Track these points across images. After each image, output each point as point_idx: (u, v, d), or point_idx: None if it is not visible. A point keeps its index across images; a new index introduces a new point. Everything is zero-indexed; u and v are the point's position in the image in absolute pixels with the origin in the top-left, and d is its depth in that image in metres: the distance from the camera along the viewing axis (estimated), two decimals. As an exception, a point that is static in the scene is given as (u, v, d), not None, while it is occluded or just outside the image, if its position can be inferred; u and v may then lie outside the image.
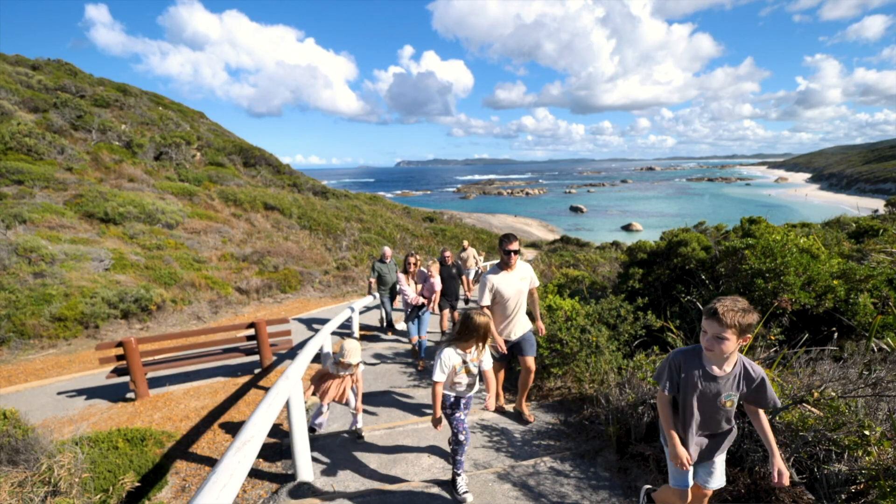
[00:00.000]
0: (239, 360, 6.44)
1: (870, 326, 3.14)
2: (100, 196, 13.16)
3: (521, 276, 3.59)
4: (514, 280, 3.54)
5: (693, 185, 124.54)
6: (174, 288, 10.15)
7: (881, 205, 15.68)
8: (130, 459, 3.22)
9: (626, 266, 6.52)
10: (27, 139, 14.76)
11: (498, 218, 58.11)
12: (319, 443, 3.57)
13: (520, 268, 3.63)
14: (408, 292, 5.68)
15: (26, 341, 7.47)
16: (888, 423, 2.22)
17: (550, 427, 3.74)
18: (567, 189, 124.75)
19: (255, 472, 3.29)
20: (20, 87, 18.99)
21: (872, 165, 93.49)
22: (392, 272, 7.60)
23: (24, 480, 2.65)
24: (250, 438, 1.94)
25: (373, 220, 23.67)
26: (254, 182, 22.39)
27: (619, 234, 49.41)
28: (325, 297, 12.45)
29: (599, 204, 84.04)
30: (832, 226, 8.46)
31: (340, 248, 17.70)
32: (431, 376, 2.69)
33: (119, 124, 20.12)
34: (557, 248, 28.11)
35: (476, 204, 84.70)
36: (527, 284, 3.64)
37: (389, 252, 7.76)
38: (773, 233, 4.78)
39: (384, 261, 7.65)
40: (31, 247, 9.19)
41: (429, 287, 5.83)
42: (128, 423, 4.49)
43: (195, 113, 29.23)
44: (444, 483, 2.87)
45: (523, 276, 3.61)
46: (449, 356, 2.67)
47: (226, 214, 16.86)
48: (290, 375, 2.88)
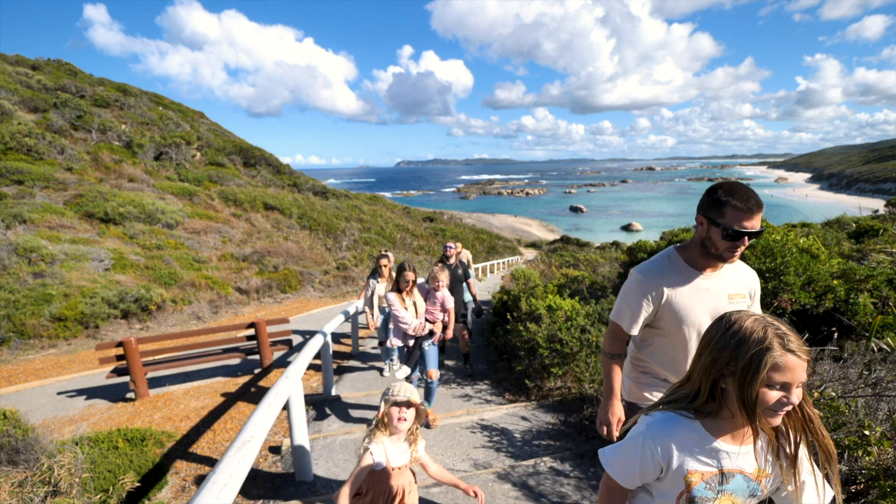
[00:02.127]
0: (239, 360, 6.44)
1: (870, 326, 3.14)
2: (100, 196, 13.16)
3: (735, 283, 1.67)
4: (718, 287, 1.64)
5: (693, 185, 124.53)
6: (174, 288, 10.15)
7: (881, 205, 15.70)
8: (130, 459, 3.22)
9: (627, 266, 6.52)
10: (27, 139, 14.76)
11: (498, 218, 58.13)
12: (320, 443, 3.57)
13: (737, 271, 1.69)
14: (404, 318, 3.66)
15: (26, 341, 7.47)
16: (888, 423, 2.22)
17: (550, 427, 3.74)
18: (567, 189, 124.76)
19: (255, 472, 3.29)
20: (20, 87, 18.99)
21: (872, 165, 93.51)
22: None
23: (24, 480, 2.65)
24: (250, 438, 1.94)
25: (373, 220, 23.67)
26: (254, 182, 22.39)
27: (620, 234, 49.43)
28: (325, 297, 12.46)
29: (599, 204, 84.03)
30: (832, 226, 8.46)
31: (340, 248, 17.71)
32: None
33: (119, 124, 20.13)
34: (557, 248, 28.12)
35: (476, 204, 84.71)
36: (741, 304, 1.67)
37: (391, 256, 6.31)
38: (773, 233, 4.78)
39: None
40: (31, 247, 9.19)
41: (437, 304, 3.99)
42: (128, 423, 4.49)
43: (195, 113, 29.24)
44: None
45: (738, 286, 1.67)
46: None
47: (226, 214, 16.86)
48: (290, 375, 2.88)
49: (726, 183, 1.54)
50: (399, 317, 3.63)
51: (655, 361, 1.78)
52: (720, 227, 1.47)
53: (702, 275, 1.63)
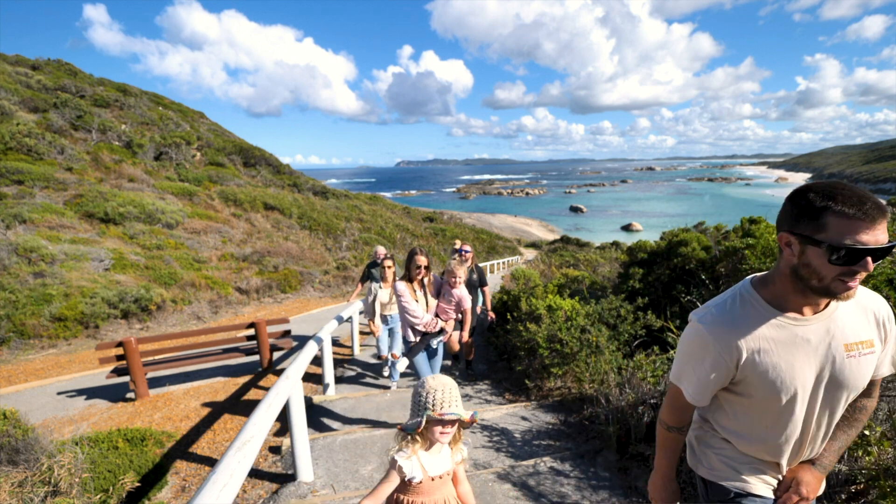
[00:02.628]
0: (239, 360, 6.44)
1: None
2: (100, 196, 13.16)
3: (854, 326, 1.16)
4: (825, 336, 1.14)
5: (693, 185, 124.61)
6: (174, 288, 10.16)
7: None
8: (130, 459, 3.22)
9: (627, 266, 6.52)
10: (27, 139, 14.76)
11: (498, 218, 58.13)
12: (320, 443, 3.57)
13: (856, 307, 1.18)
14: (414, 311, 3.35)
15: (26, 341, 7.47)
16: (888, 423, 2.22)
17: (550, 427, 3.74)
18: (567, 189, 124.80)
19: (255, 472, 3.29)
20: (20, 87, 18.99)
21: (872, 165, 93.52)
22: None
23: (24, 480, 2.65)
24: (250, 438, 1.94)
25: (373, 220, 23.67)
26: (254, 182, 22.39)
27: (620, 234, 49.44)
28: (325, 297, 12.46)
29: (599, 204, 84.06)
30: (832, 226, 8.44)
31: (340, 248, 17.71)
32: None
33: (119, 124, 20.13)
34: (557, 248, 28.13)
35: (476, 204, 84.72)
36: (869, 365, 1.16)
37: (384, 251, 5.70)
38: (774, 233, 4.78)
39: (378, 263, 5.51)
40: (31, 247, 9.19)
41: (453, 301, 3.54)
42: (128, 423, 4.49)
43: (195, 113, 29.24)
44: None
45: (859, 330, 1.16)
46: None
47: (226, 214, 16.86)
48: (290, 375, 2.88)
49: (820, 183, 1.07)
50: (409, 308, 3.28)
51: (739, 437, 1.28)
52: (824, 247, 1.00)
53: (797, 319, 1.14)
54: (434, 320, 3.42)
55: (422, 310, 3.36)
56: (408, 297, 3.31)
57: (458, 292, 3.46)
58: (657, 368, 3.22)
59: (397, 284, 3.35)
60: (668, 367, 3.08)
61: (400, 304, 3.35)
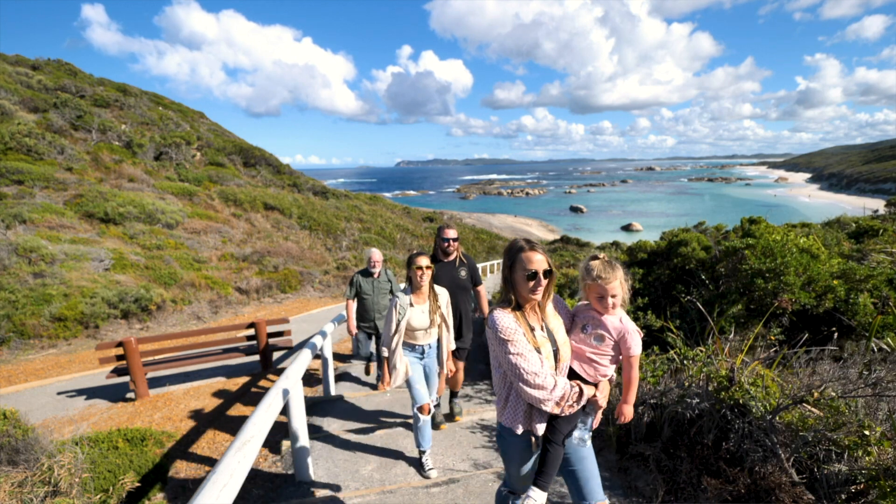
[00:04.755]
0: (239, 360, 6.44)
1: (870, 326, 3.15)
2: (100, 196, 13.16)
3: None
4: None
5: (693, 185, 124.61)
6: (174, 288, 10.15)
7: (881, 205, 15.68)
8: (130, 459, 3.22)
9: (626, 266, 6.53)
10: (27, 139, 14.76)
11: (498, 218, 58.15)
12: (320, 443, 3.57)
13: None
14: (535, 373, 1.66)
15: (26, 341, 7.47)
16: (888, 423, 2.22)
17: (550, 427, 3.74)
18: (567, 189, 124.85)
19: (255, 472, 3.29)
20: (20, 87, 18.99)
21: (872, 165, 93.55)
22: (381, 291, 4.63)
23: (24, 480, 2.65)
24: (250, 438, 1.94)
25: (373, 220, 23.67)
26: (254, 182, 22.39)
27: (620, 234, 49.44)
28: (325, 297, 12.46)
29: (599, 204, 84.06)
30: (832, 226, 8.46)
31: (340, 248, 17.71)
32: None
33: (119, 124, 20.13)
34: (557, 248, 28.12)
35: (476, 204, 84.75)
36: None
37: (380, 258, 4.64)
38: (773, 233, 4.78)
39: (371, 270, 4.61)
40: (31, 247, 9.19)
41: (607, 341, 1.97)
42: (128, 423, 4.49)
43: (195, 113, 29.25)
44: (445, 483, 2.87)
45: None
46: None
47: (226, 214, 16.86)
48: (290, 375, 2.88)
49: None
50: (524, 369, 1.65)
51: None
52: None
53: None
54: (574, 390, 1.69)
55: (548, 368, 1.69)
56: (522, 345, 1.66)
57: (615, 323, 1.82)
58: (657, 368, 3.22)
59: (499, 316, 1.70)
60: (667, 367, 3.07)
61: (507, 360, 1.68)
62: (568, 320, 1.93)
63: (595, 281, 1.79)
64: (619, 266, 1.82)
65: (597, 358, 1.83)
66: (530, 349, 1.66)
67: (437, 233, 3.38)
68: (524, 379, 1.64)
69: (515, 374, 1.67)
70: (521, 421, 1.76)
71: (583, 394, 1.71)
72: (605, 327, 1.82)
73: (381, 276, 4.66)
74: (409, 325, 2.98)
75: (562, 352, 1.78)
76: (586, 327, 1.86)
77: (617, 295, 1.79)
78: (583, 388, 1.72)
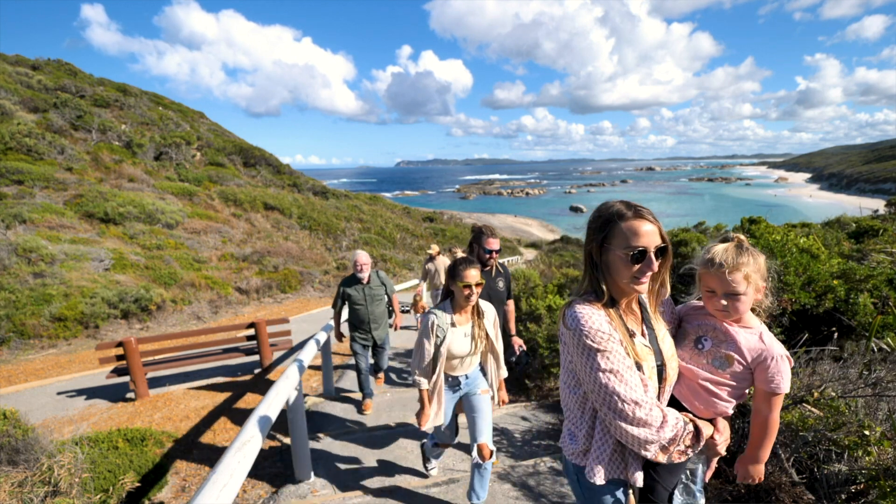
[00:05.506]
0: (239, 360, 6.44)
1: (870, 326, 3.14)
2: (100, 196, 13.16)
3: None
4: None
5: (693, 185, 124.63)
6: (174, 288, 10.16)
7: (881, 205, 15.69)
8: (130, 459, 3.22)
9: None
10: (27, 139, 14.76)
11: (498, 218, 58.17)
12: (320, 443, 3.57)
13: None
14: (639, 402, 1.15)
15: (26, 341, 7.47)
16: (888, 423, 2.22)
17: (550, 427, 3.74)
18: (567, 189, 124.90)
19: (255, 472, 3.29)
20: (20, 87, 18.99)
21: (872, 165, 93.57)
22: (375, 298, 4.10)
23: (24, 480, 2.65)
24: (250, 438, 1.94)
25: (373, 220, 23.67)
26: (254, 182, 22.40)
27: (619, 234, 49.37)
28: (325, 297, 12.45)
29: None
30: (832, 226, 8.46)
31: (340, 248, 17.71)
32: None
33: (119, 124, 20.13)
34: (557, 248, 28.13)
35: (476, 204, 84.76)
36: None
37: (366, 258, 4.02)
38: (773, 233, 4.78)
39: (358, 276, 4.02)
40: (31, 247, 9.19)
41: (736, 363, 1.33)
42: (128, 423, 4.49)
43: (195, 113, 29.25)
44: (445, 483, 2.87)
45: None
46: None
47: (226, 214, 16.86)
48: (290, 375, 2.88)
49: None
50: (624, 397, 1.14)
51: None
52: None
53: None
54: (689, 428, 1.19)
55: (653, 393, 1.23)
56: (619, 359, 1.17)
57: (752, 341, 1.30)
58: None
59: (585, 314, 1.19)
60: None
61: (594, 380, 1.17)
62: (672, 325, 1.40)
63: (711, 269, 1.28)
64: (756, 253, 1.28)
65: (714, 388, 1.30)
66: (629, 365, 1.15)
67: (477, 240, 2.88)
68: (619, 410, 1.13)
69: (606, 402, 1.15)
70: (605, 464, 1.24)
71: (700, 435, 1.19)
72: (734, 345, 1.27)
73: (371, 281, 4.06)
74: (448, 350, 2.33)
75: (668, 369, 1.27)
76: (702, 341, 1.33)
77: (741, 294, 1.25)
78: (700, 427, 1.20)
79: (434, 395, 2.37)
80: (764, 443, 1.34)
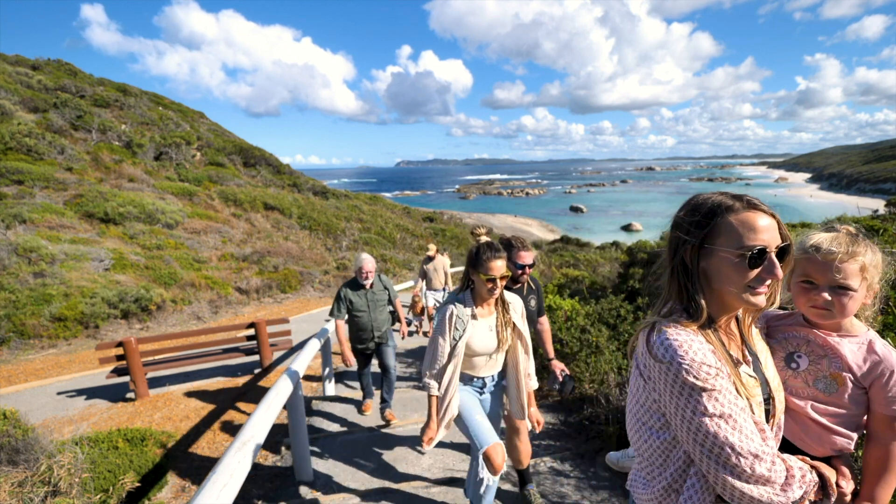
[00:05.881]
0: (239, 360, 6.44)
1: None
2: (100, 196, 13.16)
3: None
4: None
5: (693, 185, 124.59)
6: (174, 288, 10.15)
7: (881, 205, 15.68)
8: (130, 459, 3.22)
9: (627, 266, 6.52)
10: (27, 139, 14.76)
11: (498, 218, 58.16)
12: (320, 443, 3.57)
13: None
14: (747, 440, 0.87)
15: (26, 341, 7.47)
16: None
17: (550, 427, 3.74)
18: (567, 189, 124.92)
19: (255, 472, 3.29)
20: (20, 87, 18.99)
21: (872, 165, 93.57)
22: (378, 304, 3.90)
23: (24, 480, 2.65)
24: (250, 438, 1.94)
25: (373, 220, 23.67)
26: (254, 182, 22.40)
27: (620, 234, 49.44)
28: (325, 297, 12.45)
29: (599, 204, 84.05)
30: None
31: (340, 248, 17.71)
32: None
33: (119, 124, 20.13)
34: (557, 248, 28.12)
35: (476, 204, 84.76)
36: None
37: (372, 265, 3.80)
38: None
39: (362, 282, 3.80)
40: (31, 247, 9.19)
41: (856, 386, 1.10)
42: (128, 423, 4.49)
43: (195, 113, 29.25)
44: (445, 483, 2.87)
45: None
46: None
47: (226, 214, 16.86)
48: (290, 375, 2.88)
49: None
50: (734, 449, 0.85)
51: None
52: None
53: None
54: (812, 478, 0.90)
55: (772, 445, 0.93)
56: (730, 401, 0.87)
57: (859, 351, 1.05)
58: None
59: (682, 342, 0.88)
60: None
61: (697, 427, 0.87)
62: (766, 328, 1.17)
63: (818, 254, 1.04)
64: (874, 247, 1.05)
65: (825, 420, 1.06)
66: (743, 407, 0.88)
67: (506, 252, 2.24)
68: (732, 465, 0.85)
69: (714, 455, 0.86)
70: None
71: (827, 484, 0.97)
72: (839, 361, 1.04)
73: (374, 286, 3.87)
74: (467, 347, 2.04)
75: (776, 402, 1.01)
76: (795, 358, 1.10)
77: (851, 290, 1.02)
78: (825, 475, 0.97)
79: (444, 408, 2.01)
80: (886, 479, 1.04)
